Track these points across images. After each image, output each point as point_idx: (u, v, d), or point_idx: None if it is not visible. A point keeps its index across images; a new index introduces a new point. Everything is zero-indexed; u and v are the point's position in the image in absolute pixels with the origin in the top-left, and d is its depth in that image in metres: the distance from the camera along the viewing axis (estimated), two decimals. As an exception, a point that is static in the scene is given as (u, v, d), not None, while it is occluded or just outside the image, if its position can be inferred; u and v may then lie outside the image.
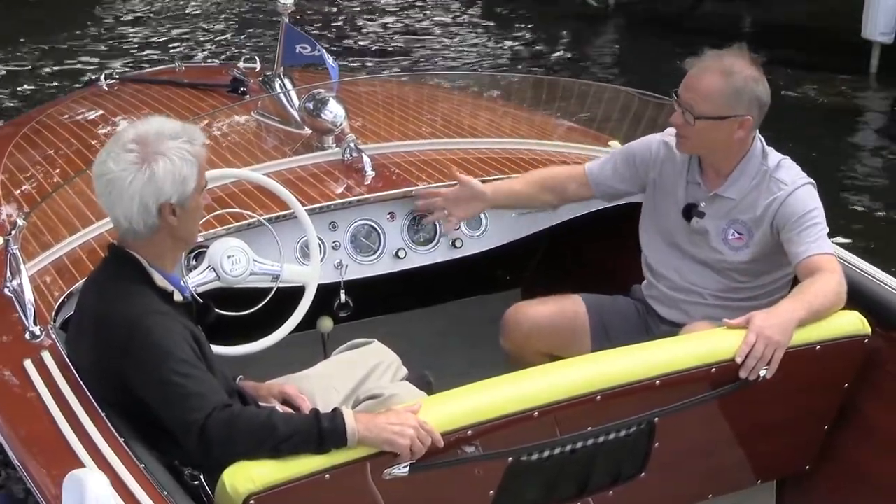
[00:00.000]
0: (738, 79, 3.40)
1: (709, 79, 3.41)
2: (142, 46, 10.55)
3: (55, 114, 5.06)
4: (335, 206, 3.82)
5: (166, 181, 2.74)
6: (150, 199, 2.74)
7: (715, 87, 3.40)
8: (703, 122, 3.42)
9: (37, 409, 2.88)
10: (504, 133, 4.50)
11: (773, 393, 3.19)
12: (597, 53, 10.84)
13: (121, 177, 2.73)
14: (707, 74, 3.42)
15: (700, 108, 3.41)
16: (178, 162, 2.75)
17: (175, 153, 2.75)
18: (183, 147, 2.77)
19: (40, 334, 3.17)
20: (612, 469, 3.21)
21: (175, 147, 2.76)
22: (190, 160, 2.77)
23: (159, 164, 2.73)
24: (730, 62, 3.42)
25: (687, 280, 3.65)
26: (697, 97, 3.42)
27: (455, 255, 4.02)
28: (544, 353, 3.65)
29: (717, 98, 3.40)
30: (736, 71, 3.40)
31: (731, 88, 3.39)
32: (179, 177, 2.75)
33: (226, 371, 3.01)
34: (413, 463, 2.72)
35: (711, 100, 3.40)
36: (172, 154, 2.75)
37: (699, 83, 3.42)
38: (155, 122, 2.84)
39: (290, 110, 4.44)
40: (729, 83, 3.39)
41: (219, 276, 3.40)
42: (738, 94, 3.40)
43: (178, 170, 2.75)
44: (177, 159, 2.75)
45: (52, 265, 3.54)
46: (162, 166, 2.73)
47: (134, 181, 2.72)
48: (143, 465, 2.64)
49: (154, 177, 2.73)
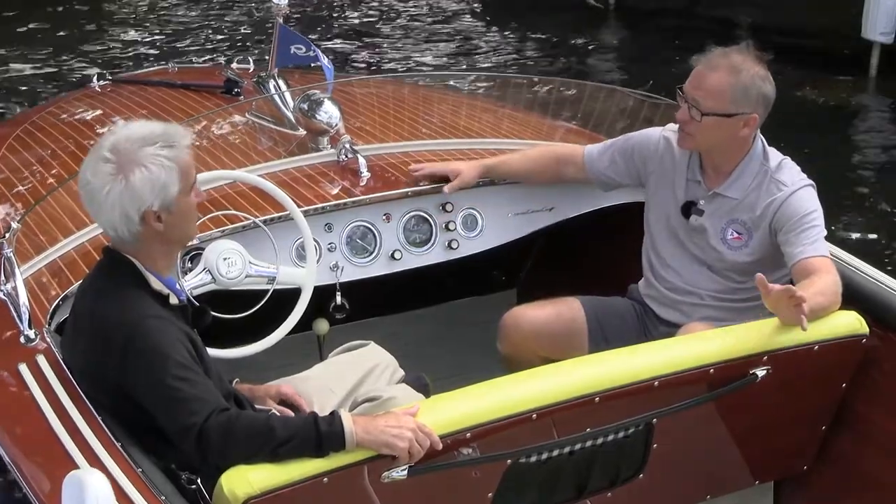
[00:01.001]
0: (745, 76, 3.40)
1: (717, 76, 3.41)
2: (135, 47, 10.53)
3: (48, 115, 5.04)
4: (330, 207, 3.81)
5: (144, 190, 2.71)
6: (130, 208, 2.72)
7: (723, 84, 3.40)
8: (710, 118, 3.42)
9: (32, 412, 2.86)
10: (500, 134, 4.49)
11: (771, 393, 3.19)
12: (596, 53, 10.84)
13: (98, 188, 2.73)
14: (715, 71, 3.42)
15: (707, 104, 3.41)
16: (154, 170, 2.72)
17: (151, 161, 2.72)
18: (160, 153, 2.73)
19: (35, 338, 3.15)
20: (610, 470, 3.21)
21: (151, 154, 2.73)
22: (168, 166, 2.74)
23: (135, 173, 2.71)
24: (738, 59, 3.42)
25: (686, 281, 3.65)
26: (705, 94, 3.42)
27: (451, 256, 4.01)
28: (541, 357, 3.62)
29: (725, 95, 3.40)
30: (744, 69, 3.41)
31: (740, 86, 3.40)
32: (158, 184, 2.72)
33: (222, 374, 3.00)
34: (411, 466, 2.71)
35: (719, 97, 3.40)
36: (148, 162, 2.72)
37: (707, 80, 3.42)
38: (133, 127, 2.81)
39: (285, 111, 4.42)
40: (737, 80, 3.39)
41: (214, 278, 3.39)
42: (746, 91, 3.40)
43: (155, 178, 2.72)
44: (153, 167, 2.72)
45: (46, 268, 3.52)
46: (138, 176, 2.71)
47: (111, 192, 2.71)
48: (140, 469, 2.63)
49: (131, 187, 2.71)
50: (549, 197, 4.10)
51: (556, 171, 3.98)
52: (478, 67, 9.97)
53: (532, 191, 4.07)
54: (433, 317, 4.61)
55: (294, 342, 3.65)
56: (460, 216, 4.01)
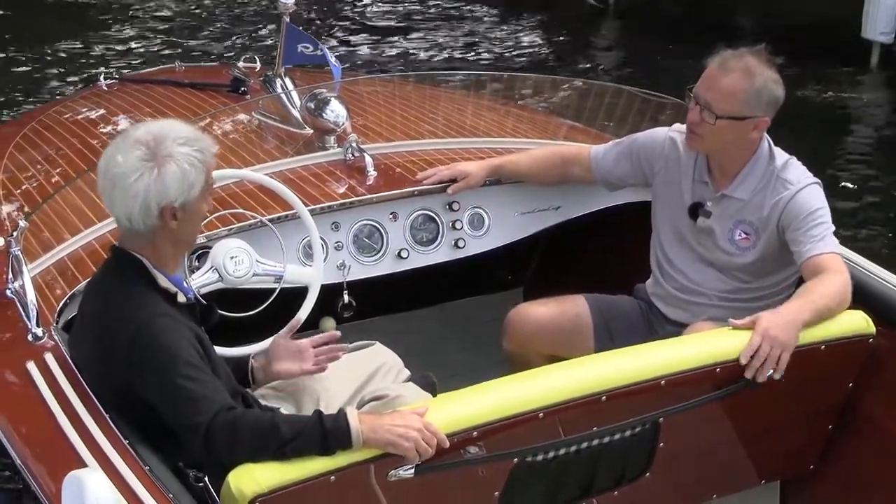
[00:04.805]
0: (759, 80, 3.40)
1: (731, 79, 3.40)
2: (141, 46, 10.53)
3: (55, 114, 5.05)
4: (337, 206, 3.81)
5: (173, 185, 2.72)
6: (154, 200, 2.72)
7: (738, 87, 3.39)
8: (724, 121, 3.41)
9: (40, 410, 2.87)
10: (506, 132, 4.49)
11: (778, 393, 3.19)
12: (597, 53, 10.83)
13: (126, 173, 2.71)
14: (729, 74, 3.40)
15: (721, 107, 3.40)
16: (186, 167, 2.73)
17: (185, 158, 2.74)
18: (193, 154, 2.75)
19: (43, 336, 3.16)
20: (616, 469, 3.21)
21: (185, 153, 2.74)
22: (199, 167, 2.76)
23: (169, 166, 2.72)
24: (752, 63, 3.41)
25: (694, 281, 3.65)
26: (719, 96, 3.40)
27: (457, 255, 4.02)
28: (547, 355, 3.64)
29: (739, 98, 3.39)
30: (758, 72, 3.40)
31: (753, 89, 3.39)
32: (186, 182, 2.74)
33: (230, 372, 3.00)
34: (418, 464, 2.72)
35: (734, 100, 3.39)
36: (182, 159, 2.73)
37: (721, 83, 3.41)
38: (167, 123, 2.83)
39: (292, 110, 4.43)
40: (751, 84, 3.39)
41: (222, 277, 3.39)
42: (759, 94, 3.40)
43: (185, 175, 2.73)
44: (186, 165, 2.73)
45: (53, 266, 3.53)
46: (171, 169, 2.72)
47: (140, 179, 2.71)
48: (148, 467, 2.64)
49: (161, 178, 2.71)
50: (555, 196, 4.11)
51: (563, 171, 3.98)
52: (481, 66, 9.96)
53: (538, 190, 4.07)
54: (439, 315, 4.62)
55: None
56: (467, 215, 4.01)
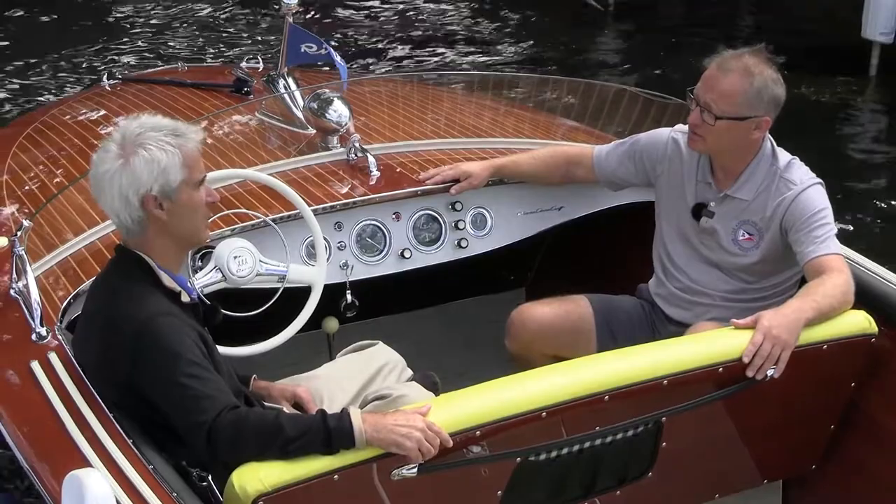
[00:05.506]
0: (759, 80, 3.40)
1: (731, 79, 3.40)
2: (144, 47, 10.54)
3: (58, 114, 5.06)
4: (340, 206, 3.82)
5: (143, 172, 2.74)
6: (129, 190, 2.74)
7: (737, 88, 3.39)
8: (724, 122, 3.41)
9: (44, 410, 2.88)
10: (508, 133, 4.50)
11: (780, 392, 3.19)
12: (597, 53, 10.83)
13: (102, 172, 2.76)
14: (729, 74, 3.41)
15: (721, 107, 3.40)
16: (154, 151, 2.74)
17: (154, 144, 2.75)
18: (163, 139, 2.76)
19: (47, 335, 3.17)
20: (619, 469, 3.21)
21: (154, 137, 2.76)
22: (170, 151, 2.76)
23: (137, 155, 2.74)
24: (751, 62, 3.41)
25: (696, 281, 3.65)
26: (718, 97, 3.41)
27: (460, 254, 4.02)
28: (549, 355, 3.64)
29: (739, 98, 3.40)
30: (757, 72, 3.40)
31: (753, 89, 3.39)
32: (158, 167, 2.74)
33: (233, 371, 3.01)
34: (421, 464, 2.72)
35: (733, 100, 3.40)
36: (151, 145, 2.75)
37: (720, 83, 3.41)
38: (143, 118, 2.85)
39: (295, 110, 4.44)
40: (751, 84, 3.39)
41: (225, 276, 3.40)
42: (759, 94, 3.40)
43: (155, 160, 2.74)
44: (154, 149, 2.74)
45: (57, 266, 3.54)
46: (139, 156, 2.74)
47: (113, 175, 2.74)
48: (152, 466, 2.64)
49: (131, 168, 2.74)
50: (557, 196, 4.11)
51: (565, 172, 3.98)
52: (483, 66, 9.96)
53: (541, 190, 4.08)
54: (442, 315, 4.62)
55: (303, 340, 3.65)
56: (470, 215, 4.02)
